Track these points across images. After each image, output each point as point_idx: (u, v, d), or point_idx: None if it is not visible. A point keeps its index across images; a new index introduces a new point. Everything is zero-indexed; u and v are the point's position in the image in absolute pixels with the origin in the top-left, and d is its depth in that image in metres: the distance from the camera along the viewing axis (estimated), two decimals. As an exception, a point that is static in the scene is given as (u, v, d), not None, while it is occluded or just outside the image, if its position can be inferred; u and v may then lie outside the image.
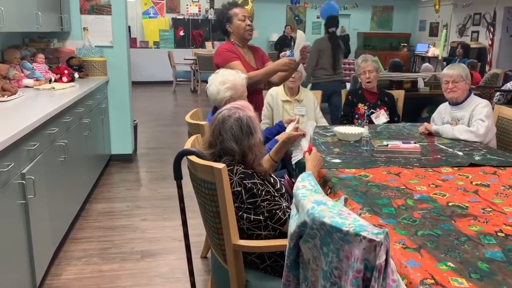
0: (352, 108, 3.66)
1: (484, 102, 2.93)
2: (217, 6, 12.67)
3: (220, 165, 1.67)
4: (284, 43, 10.59)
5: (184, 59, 10.54)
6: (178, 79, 10.63)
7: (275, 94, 3.57)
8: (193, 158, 1.80)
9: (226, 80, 2.43)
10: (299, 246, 1.45)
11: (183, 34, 12.41)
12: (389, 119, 3.59)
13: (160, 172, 4.66)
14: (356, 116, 3.64)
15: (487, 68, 10.13)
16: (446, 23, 12.91)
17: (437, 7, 11.40)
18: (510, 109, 3.11)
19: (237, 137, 1.81)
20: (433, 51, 12.45)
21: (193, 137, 2.12)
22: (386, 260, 1.14)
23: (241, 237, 1.77)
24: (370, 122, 3.58)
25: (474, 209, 1.75)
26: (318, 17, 13.26)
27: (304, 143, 2.14)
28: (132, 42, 10.66)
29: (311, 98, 3.63)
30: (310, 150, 2.07)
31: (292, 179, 2.38)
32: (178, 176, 1.95)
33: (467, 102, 2.99)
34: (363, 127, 2.84)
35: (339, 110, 4.36)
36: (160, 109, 8.44)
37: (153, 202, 3.86)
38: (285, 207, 1.81)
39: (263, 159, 2.18)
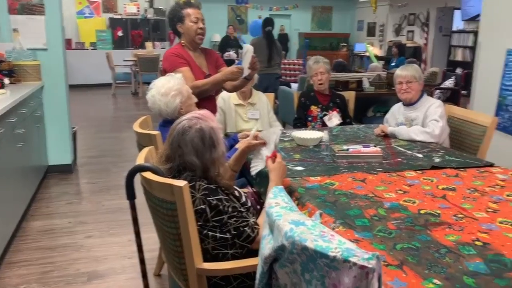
0: (305, 111, 3.59)
1: (438, 102, 2.95)
2: (156, 5, 12.30)
3: (181, 183, 1.50)
4: (227, 43, 10.45)
5: (124, 61, 10.11)
6: (117, 82, 10.17)
7: (227, 98, 3.42)
8: (148, 174, 1.62)
9: (168, 89, 2.29)
10: (272, 269, 1.32)
11: (122, 34, 11.93)
12: (342, 121, 3.55)
13: (104, 183, 4.36)
14: (310, 118, 3.58)
15: (422, 66, 10.55)
16: (383, 23, 13.35)
17: (374, 7, 11.77)
18: (460, 108, 3.16)
19: (198, 150, 1.64)
20: (372, 50, 12.80)
21: (145, 149, 1.92)
22: (379, 288, 1.04)
23: (205, 259, 1.62)
24: (323, 124, 3.52)
25: (446, 216, 1.70)
26: (260, 17, 13.25)
27: (265, 152, 2.00)
28: (67, 44, 10.07)
29: (264, 101, 3.52)
30: (273, 156, 1.93)
31: (254, 189, 2.24)
32: (131, 196, 1.75)
33: (420, 102, 3.00)
34: (318, 130, 2.77)
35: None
36: (100, 114, 8.00)
37: (97, 216, 3.58)
38: (253, 223, 1.67)
39: (222, 170, 2.02)
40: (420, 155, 2.50)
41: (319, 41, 14.04)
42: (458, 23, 10.80)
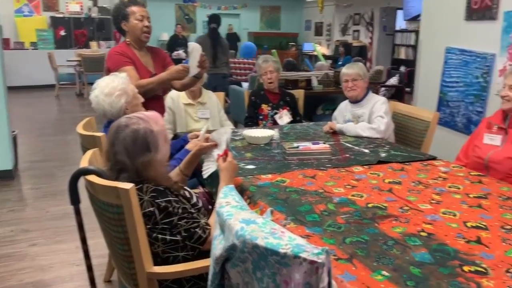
0: (256, 110, 3.60)
1: (382, 99, 3.04)
2: (101, 4, 11.93)
3: (127, 185, 1.45)
4: (176, 42, 10.30)
5: (67, 61, 9.73)
6: (61, 83, 9.77)
7: (176, 97, 3.36)
8: (92, 178, 1.56)
9: (112, 89, 2.21)
10: (224, 269, 1.31)
11: (64, 34, 11.48)
12: (292, 119, 3.59)
13: (48, 188, 4.17)
14: (260, 117, 3.59)
15: (368, 65, 10.88)
16: (329, 22, 13.63)
17: (320, 7, 12.00)
18: (404, 104, 3.27)
19: (129, 151, 1.57)
20: (319, 49, 13.04)
21: (89, 152, 1.85)
22: (329, 283, 1.05)
23: (155, 263, 1.57)
24: (274, 122, 3.55)
25: (393, 208, 1.75)
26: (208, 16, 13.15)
27: (217, 154, 1.98)
28: (4, 43, 9.55)
29: (214, 100, 3.49)
30: (224, 155, 1.90)
31: (205, 189, 2.22)
32: (75, 201, 1.68)
33: (366, 99, 3.08)
34: (269, 128, 2.78)
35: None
36: (43, 116, 7.65)
37: (42, 223, 3.42)
38: (204, 224, 1.64)
39: (173, 173, 1.98)
40: (367, 151, 2.57)
41: (269, 41, 14.13)
42: (400, 23, 11.22)
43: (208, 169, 2.01)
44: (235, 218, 1.24)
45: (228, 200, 1.37)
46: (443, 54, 3.85)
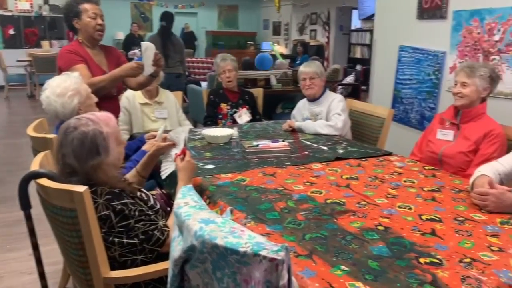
0: (215, 109, 3.57)
1: (339, 97, 3.09)
2: (52, 1, 11.51)
3: (81, 188, 1.39)
4: (132, 41, 10.09)
5: (17, 61, 9.33)
6: (10, 84, 9.36)
7: (131, 97, 3.28)
8: (43, 181, 1.49)
9: (64, 89, 2.13)
10: (183, 270, 1.28)
11: (13, 32, 10.99)
12: (251, 118, 3.59)
13: (-2, 194, 3.98)
14: (220, 116, 3.56)
15: (325, 64, 11.05)
16: (287, 22, 13.75)
17: (277, 6, 12.08)
18: (360, 102, 3.34)
19: (77, 154, 1.50)
20: (278, 48, 13.13)
21: (40, 154, 1.77)
22: (289, 279, 1.05)
23: (112, 267, 1.53)
24: (234, 121, 3.53)
25: (351, 204, 1.77)
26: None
27: (175, 153, 1.95)
28: None
29: (172, 99, 3.43)
30: (183, 154, 1.86)
31: (163, 190, 2.17)
32: (25, 205, 1.60)
33: (323, 97, 3.12)
34: (229, 127, 2.77)
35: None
36: (-9, 119, 7.30)
37: (-9, 231, 3.26)
38: (162, 225, 1.61)
39: (130, 174, 1.93)
40: (325, 148, 2.60)
41: (227, 40, 14.09)
42: (356, 22, 11.47)
43: (166, 170, 1.98)
44: (194, 218, 1.21)
45: (186, 201, 1.34)
46: (396, 53, 3.95)
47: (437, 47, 3.55)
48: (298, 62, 9.02)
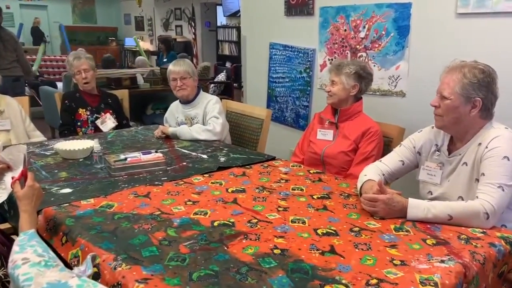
0: (73, 115, 3.08)
1: (215, 98, 2.86)
2: None
3: None
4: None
5: None
6: None
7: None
8: None
9: None
10: None
11: None
12: (117, 123, 3.18)
13: None
14: (79, 123, 3.09)
15: (194, 61, 10.81)
16: (150, 17, 13.17)
17: (138, 0, 11.49)
18: (237, 102, 3.17)
19: None
20: (143, 45, 12.52)
21: None
22: None
23: None
24: (97, 129, 3.09)
25: (241, 223, 1.55)
26: (8, 7, 11.50)
27: (11, 178, 1.53)
28: None
29: (15, 107, 2.86)
30: (22, 177, 1.46)
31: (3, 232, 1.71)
32: None
33: (198, 99, 2.87)
34: (90, 137, 2.36)
35: None
36: None
37: None
38: (2, 276, 1.20)
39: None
40: (205, 156, 2.35)
41: (85, 35, 13.03)
42: (221, 19, 11.39)
43: None
44: (37, 284, 0.87)
45: (25, 256, 0.99)
46: (267, 50, 3.86)
47: (307, 44, 3.53)
48: (165, 60, 8.59)
